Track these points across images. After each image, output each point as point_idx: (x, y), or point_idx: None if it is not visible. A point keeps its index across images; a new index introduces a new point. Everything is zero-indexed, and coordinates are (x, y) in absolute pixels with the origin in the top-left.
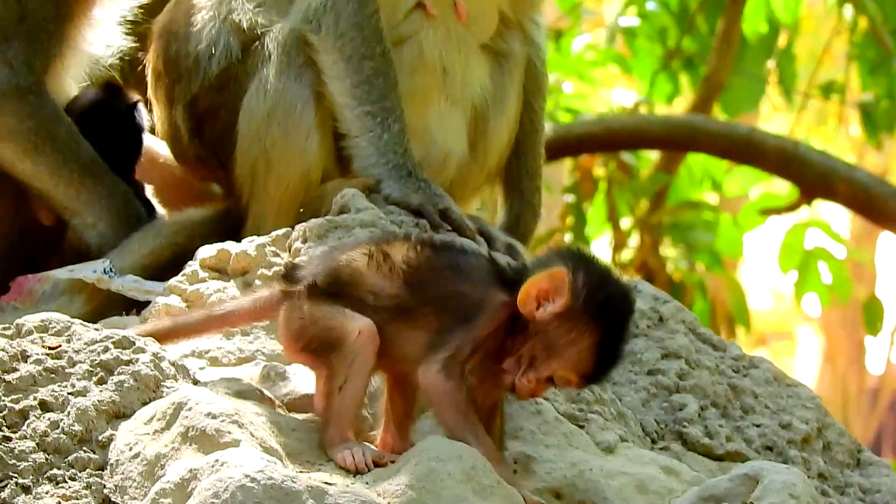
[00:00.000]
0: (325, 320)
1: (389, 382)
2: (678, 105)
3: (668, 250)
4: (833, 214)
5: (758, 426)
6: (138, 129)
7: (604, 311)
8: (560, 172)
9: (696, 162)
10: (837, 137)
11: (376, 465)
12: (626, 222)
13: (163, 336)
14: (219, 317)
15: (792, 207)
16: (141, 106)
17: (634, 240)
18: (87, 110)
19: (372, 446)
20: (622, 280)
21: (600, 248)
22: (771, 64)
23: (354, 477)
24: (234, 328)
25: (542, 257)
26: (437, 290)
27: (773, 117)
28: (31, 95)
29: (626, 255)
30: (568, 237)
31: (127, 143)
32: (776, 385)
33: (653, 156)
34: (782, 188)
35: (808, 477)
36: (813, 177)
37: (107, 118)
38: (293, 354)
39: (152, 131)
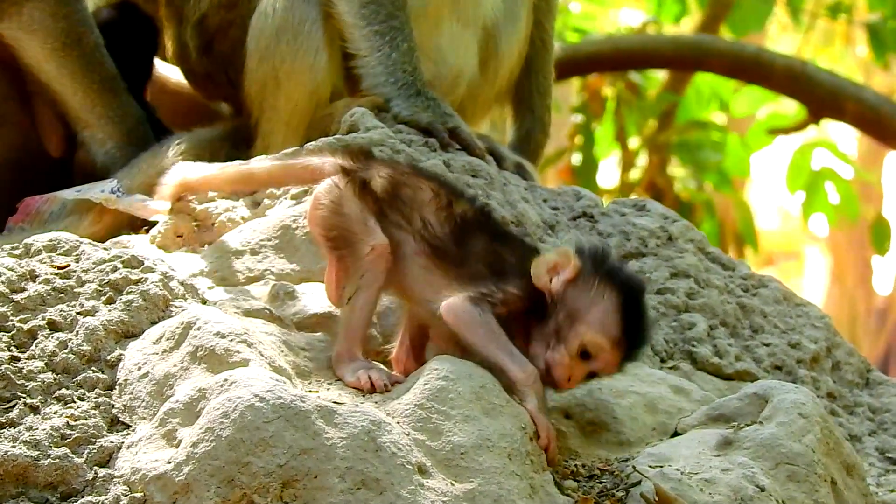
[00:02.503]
0: (348, 219)
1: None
2: (686, 25)
3: (676, 170)
4: (841, 134)
5: (767, 345)
6: (151, 50)
7: (613, 273)
8: (568, 92)
9: (704, 81)
10: (844, 58)
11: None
12: (634, 142)
13: (194, 186)
14: (260, 171)
15: (799, 127)
16: (154, 26)
17: (642, 159)
18: (100, 29)
19: (382, 367)
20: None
21: (609, 167)
22: None
23: (364, 396)
24: (271, 187)
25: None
26: (480, 246)
27: (780, 37)
28: None
29: (635, 174)
30: (576, 157)
31: (139, 64)
32: (785, 304)
33: (661, 75)
34: (790, 108)
35: (818, 396)
36: (821, 96)
37: (120, 37)
38: (314, 226)
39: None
